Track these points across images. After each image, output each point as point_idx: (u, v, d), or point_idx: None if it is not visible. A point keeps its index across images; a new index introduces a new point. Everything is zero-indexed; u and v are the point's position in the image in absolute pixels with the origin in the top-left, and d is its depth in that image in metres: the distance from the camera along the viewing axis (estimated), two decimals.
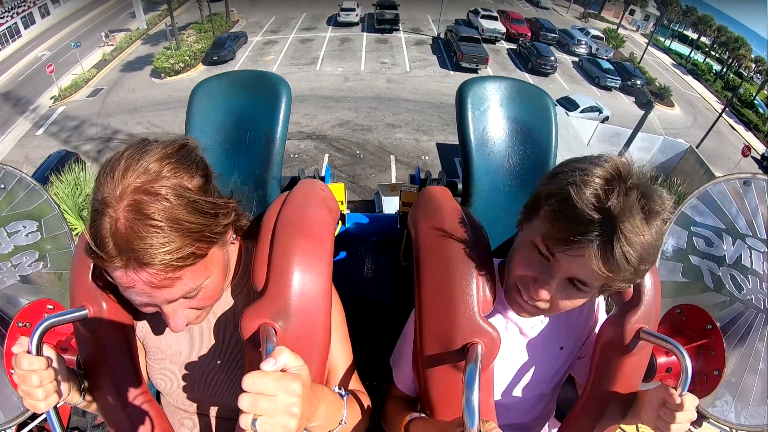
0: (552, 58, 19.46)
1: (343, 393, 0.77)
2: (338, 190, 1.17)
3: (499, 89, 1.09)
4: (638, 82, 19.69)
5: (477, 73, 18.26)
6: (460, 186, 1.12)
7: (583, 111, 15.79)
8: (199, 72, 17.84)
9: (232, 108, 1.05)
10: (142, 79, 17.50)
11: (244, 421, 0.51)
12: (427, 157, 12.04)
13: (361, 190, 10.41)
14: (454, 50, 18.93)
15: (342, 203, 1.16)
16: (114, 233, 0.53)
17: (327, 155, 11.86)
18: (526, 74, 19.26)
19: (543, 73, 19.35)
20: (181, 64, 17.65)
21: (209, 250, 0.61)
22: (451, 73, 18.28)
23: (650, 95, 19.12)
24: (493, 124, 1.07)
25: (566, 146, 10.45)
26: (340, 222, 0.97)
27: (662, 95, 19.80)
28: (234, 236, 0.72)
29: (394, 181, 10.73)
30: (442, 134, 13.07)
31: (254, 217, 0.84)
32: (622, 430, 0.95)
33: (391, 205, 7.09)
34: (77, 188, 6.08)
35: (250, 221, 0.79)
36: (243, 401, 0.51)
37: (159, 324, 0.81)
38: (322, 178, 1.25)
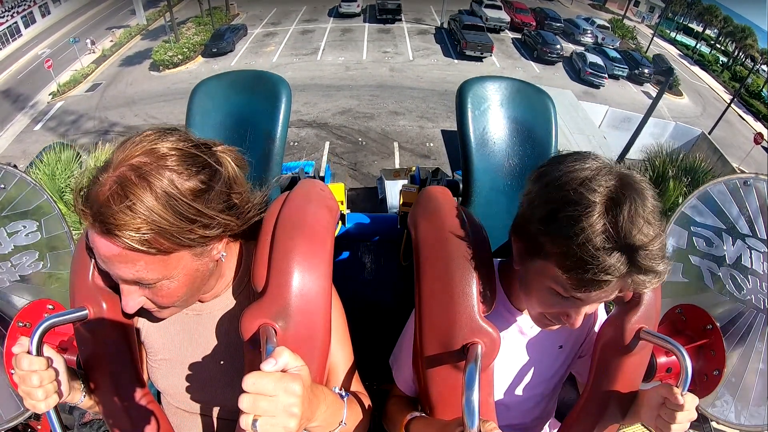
0: (558, 46, 19.28)
1: (344, 394, 0.77)
2: (338, 190, 1.17)
3: (499, 89, 1.09)
4: (646, 70, 19.53)
5: (482, 61, 18.05)
6: (460, 186, 1.12)
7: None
8: (198, 64, 17.73)
9: (232, 108, 1.05)
10: (141, 73, 17.41)
11: (245, 421, 0.51)
12: (432, 144, 11.74)
13: (363, 177, 10.14)
14: (458, 39, 18.69)
15: (342, 203, 1.16)
16: (95, 195, 0.57)
17: (328, 143, 11.59)
18: (532, 63, 19.04)
19: (549, 62, 19.12)
20: (180, 57, 17.54)
21: (173, 250, 0.60)
22: (455, 61, 18.02)
23: (669, 62, 18.83)
24: (493, 124, 1.07)
25: (578, 129, 10.19)
26: (340, 222, 0.97)
27: (670, 84, 19.64)
28: (224, 255, 0.71)
29: (398, 167, 10.45)
30: (447, 121, 12.73)
31: None
32: (647, 428, 0.95)
33: (394, 189, 6.81)
34: (57, 167, 5.51)
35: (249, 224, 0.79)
36: (243, 401, 0.51)
37: (161, 325, 0.81)
38: (322, 178, 1.25)
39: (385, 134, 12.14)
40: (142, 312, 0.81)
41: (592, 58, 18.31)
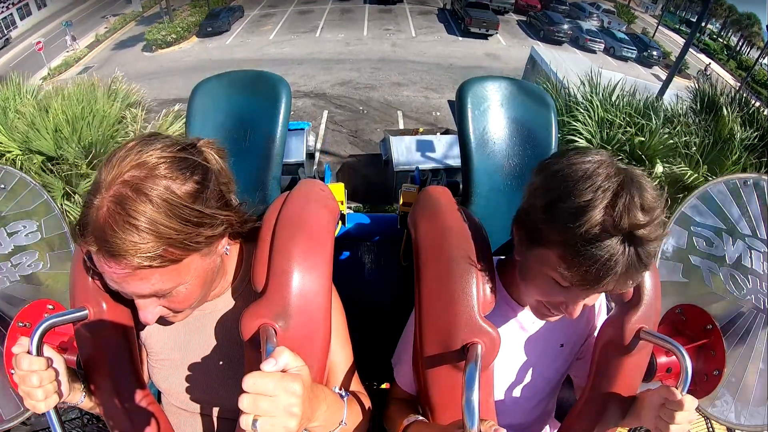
0: (564, 26, 19.12)
1: (344, 393, 0.77)
2: (338, 190, 1.17)
3: (499, 89, 1.09)
4: (654, 53, 19.37)
5: (487, 39, 17.73)
6: (460, 186, 1.12)
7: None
8: (192, 44, 17.44)
9: (232, 108, 1.05)
10: (134, 55, 17.11)
11: (245, 421, 0.51)
12: (438, 113, 11.34)
13: (365, 144, 9.69)
14: (462, 17, 18.42)
15: (342, 203, 1.16)
16: (94, 220, 0.55)
17: (326, 112, 11.10)
18: (539, 42, 18.59)
19: (556, 42, 18.79)
20: (174, 36, 17.33)
21: (184, 257, 0.60)
22: (460, 39, 17.66)
23: None
24: (493, 124, 1.07)
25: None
26: (340, 222, 0.97)
27: (680, 69, 19.45)
28: (227, 248, 0.71)
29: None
30: (453, 93, 11.84)
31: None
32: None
33: (401, 145, 6.49)
34: (10, 102, 4.82)
35: (253, 224, 0.79)
36: (243, 402, 0.51)
37: (161, 325, 0.81)
38: (322, 178, 1.25)
39: (388, 104, 11.63)
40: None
41: (587, 25, 18.52)
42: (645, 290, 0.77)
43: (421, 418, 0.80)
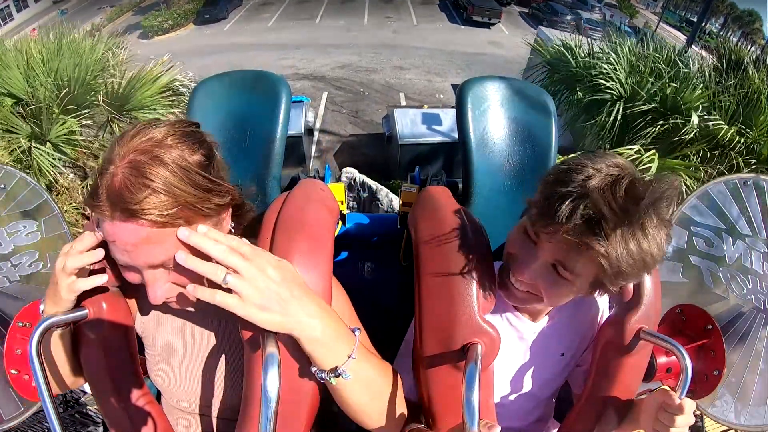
0: (568, 17, 19.16)
1: (354, 329, 0.69)
2: (338, 190, 1.17)
3: (499, 89, 1.09)
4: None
5: (489, 28, 17.62)
6: (460, 186, 1.12)
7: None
8: (189, 31, 17.33)
9: (232, 108, 1.05)
10: (130, 42, 16.94)
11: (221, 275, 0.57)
12: (442, 95, 11.13)
13: (366, 124, 9.57)
14: (464, 6, 18.31)
15: (342, 203, 1.16)
16: (109, 186, 0.58)
17: (326, 93, 10.94)
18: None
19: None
20: (170, 23, 17.31)
21: (197, 221, 0.62)
22: (462, 27, 17.50)
23: None
24: (493, 124, 1.07)
25: None
26: (340, 222, 0.97)
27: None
28: (232, 224, 0.73)
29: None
30: (457, 77, 11.77)
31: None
32: None
33: (405, 118, 6.38)
34: None
35: (253, 216, 0.79)
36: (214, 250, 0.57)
37: (160, 323, 0.81)
38: (322, 178, 1.25)
39: (390, 86, 11.49)
40: (142, 309, 0.81)
41: (586, 15, 18.65)
42: (645, 290, 0.78)
43: (423, 426, 0.80)
